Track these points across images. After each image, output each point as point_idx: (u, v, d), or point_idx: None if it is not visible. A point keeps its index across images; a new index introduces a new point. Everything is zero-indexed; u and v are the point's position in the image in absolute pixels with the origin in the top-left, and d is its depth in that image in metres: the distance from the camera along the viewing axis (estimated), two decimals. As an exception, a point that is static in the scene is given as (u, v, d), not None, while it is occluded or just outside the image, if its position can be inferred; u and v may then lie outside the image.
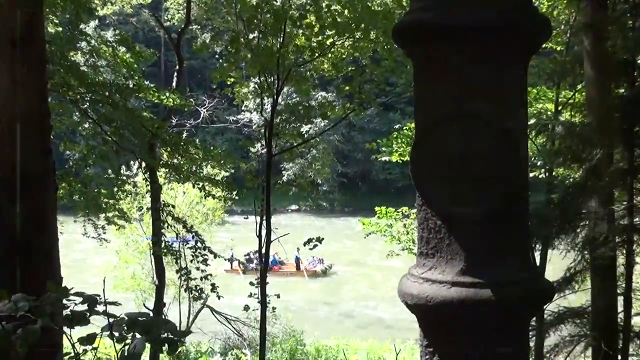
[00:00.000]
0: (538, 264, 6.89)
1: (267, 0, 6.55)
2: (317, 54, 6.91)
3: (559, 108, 7.87)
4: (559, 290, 4.99)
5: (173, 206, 9.69)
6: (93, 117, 7.67)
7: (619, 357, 4.66)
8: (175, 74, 10.58)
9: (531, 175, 6.97)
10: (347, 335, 16.35)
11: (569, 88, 7.65)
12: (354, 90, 6.96)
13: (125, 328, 1.55)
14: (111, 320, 1.56)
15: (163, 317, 9.50)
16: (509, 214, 1.52)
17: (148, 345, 1.58)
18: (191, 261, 8.69)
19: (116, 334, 1.55)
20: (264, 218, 6.72)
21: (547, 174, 7.14)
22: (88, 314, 1.59)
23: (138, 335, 1.53)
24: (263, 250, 6.84)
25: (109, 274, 15.56)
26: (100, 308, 1.60)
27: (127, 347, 1.54)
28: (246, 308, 7.63)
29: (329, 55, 7.15)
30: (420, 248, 1.61)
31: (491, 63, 1.47)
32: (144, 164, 9.00)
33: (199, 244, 8.47)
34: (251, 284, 7.10)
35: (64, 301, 1.64)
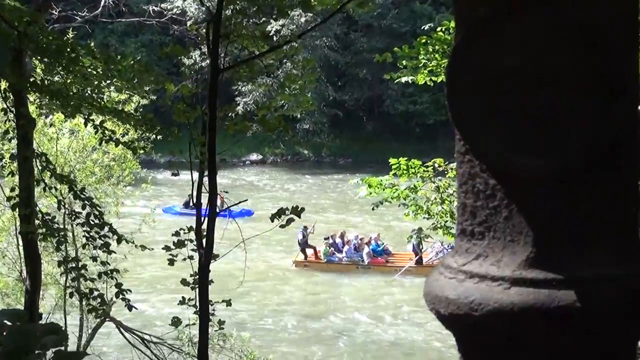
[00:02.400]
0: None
1: None
2: None
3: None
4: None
5: (47, 155, 9.64)
6: None
7: None
8: None
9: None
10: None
11: None
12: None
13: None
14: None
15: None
16: (604, 171, 1.53)
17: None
18: (84, 247, 8.73)
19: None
20: (205, 175, 6.72)
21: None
22: None
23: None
24: (204, 228, 6.87)
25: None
26: None
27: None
28: (176, 323, 7.72)
29: None
30: (462, 224, 1.63)
31: None
32: (4, 84, 8.88)
33: (93, 219, 8.50)
34: (185, 282, 7.17)
35: None
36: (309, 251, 28.21)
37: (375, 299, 24.06)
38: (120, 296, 8.48)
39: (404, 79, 11.69)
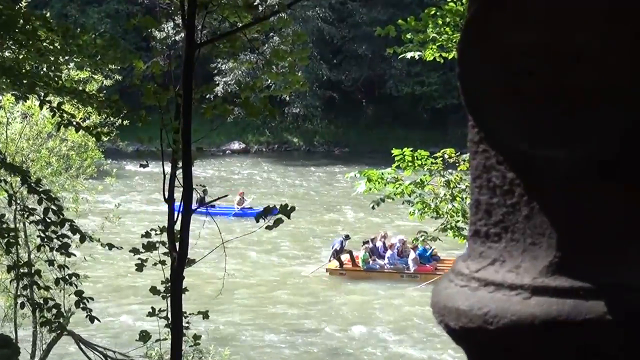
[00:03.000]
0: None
1: None
2: None
3: None
4: None
5: None
6: None
7: None
8: None
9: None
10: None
11: None
12: None
13: None
14: None
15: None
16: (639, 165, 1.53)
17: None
18: (38, 249, 8.70)
19: None
20: (179, 166, 6.71)
21: None
22: None
23: None
24: (178, 230, 6.87)
25: None
26: None
27: None
28: (144, 337, 7.73)
29: None
30: (475, 224, 1.63)
31: None
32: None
33: (51, 215, 8.49)
34: (155, 291, 7.16)
35: None
36: (344, 257, 27.95)
37: (423, 313, 23.46)
38: (81, 306, 8.47)
39: (409, 55, 11.67)
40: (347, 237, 28.08)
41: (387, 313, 24.02)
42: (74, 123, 9.37)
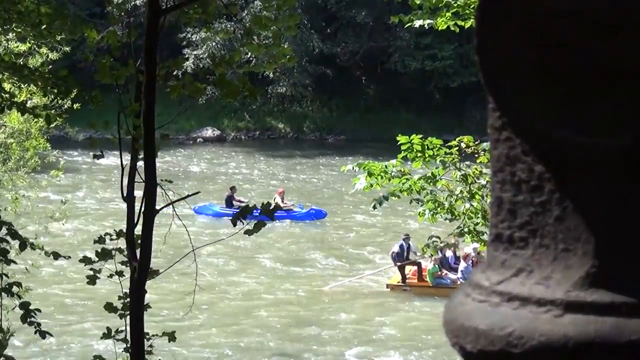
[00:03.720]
0: None
1: None
2: None
3: None
4: None
5: None
6: None
7: None
8: None
9: None
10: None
11: None
12: None
13: None
14: None
15: None
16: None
17: None
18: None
19: None
20: (141, 157, 6.71)
21: None
22: None
23: None
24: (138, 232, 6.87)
25: None
26: None
27: None
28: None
29: None
30: (497, 227, 1.63)
31: None
32: None
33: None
34: (111, 308, 7.15)
35: None
36: (408, 268, 27.79)
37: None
38: (28, 320, 8.42)
39: (417, 23, 11.67)
40: (407, 237, 27.61)
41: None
42: (15, 104, 9.36)
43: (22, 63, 10.20)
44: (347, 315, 24.90)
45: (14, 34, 10.13)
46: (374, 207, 12.94)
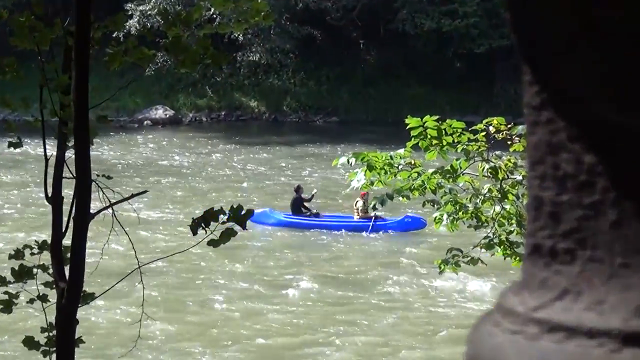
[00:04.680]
0: None
1: None
2: None
3: None
4: None
5: None
6: None
7: None
8: None
9: None
10: None
11: None
12: None
13: None
14: None
15: None
16: None
17: None
18: None
19: None
20: (70, 145, 6.72)
21: None
22: None
23: None
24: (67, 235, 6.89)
25: None
26: None
27: None
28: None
29: None
30: (535, 235, 1.64)
31: None
32: None
33: None
34: (33, 343, 7.17)
35: None
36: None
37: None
38: None
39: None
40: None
41: None
42: None
43: None
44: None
45: None
46: (374, 208, 12.99)
